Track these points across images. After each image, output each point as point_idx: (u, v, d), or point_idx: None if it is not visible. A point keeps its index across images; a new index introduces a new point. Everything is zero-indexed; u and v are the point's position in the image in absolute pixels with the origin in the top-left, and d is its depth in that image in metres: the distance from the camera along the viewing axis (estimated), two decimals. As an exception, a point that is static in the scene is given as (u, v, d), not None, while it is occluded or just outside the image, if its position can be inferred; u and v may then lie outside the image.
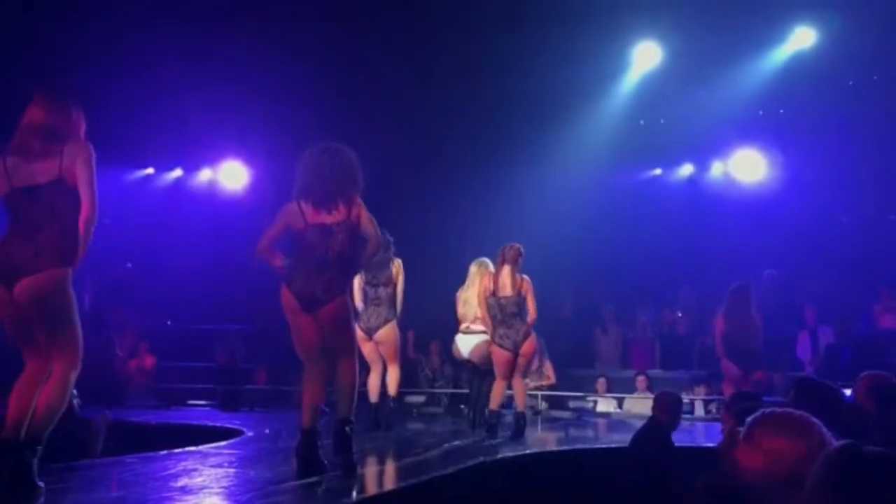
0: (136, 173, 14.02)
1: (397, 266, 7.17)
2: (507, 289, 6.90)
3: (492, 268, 7.22)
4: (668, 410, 5.45)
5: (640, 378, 10.27)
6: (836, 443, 2.37)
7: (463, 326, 7.44)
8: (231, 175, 13.88)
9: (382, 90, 11.41)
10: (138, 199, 13.67)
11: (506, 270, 6.94)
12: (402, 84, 11.39)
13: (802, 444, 2.31)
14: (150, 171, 14.11)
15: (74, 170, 3.80)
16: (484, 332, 7.11)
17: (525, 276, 6.99)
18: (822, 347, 9.46)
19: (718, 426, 5.35)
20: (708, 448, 5.44)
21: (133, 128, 11.82)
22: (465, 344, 7.29)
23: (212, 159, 13.84)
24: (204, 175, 14.19)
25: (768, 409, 2.50)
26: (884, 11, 9.84)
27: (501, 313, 6.86)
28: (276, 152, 12.85)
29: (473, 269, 7.48)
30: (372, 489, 4.22)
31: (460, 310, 7.49)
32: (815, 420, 2.39)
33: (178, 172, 14.24)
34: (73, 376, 3.79)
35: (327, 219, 4.55)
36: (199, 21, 10.29)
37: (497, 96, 11.49)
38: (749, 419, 2.46)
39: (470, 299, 7.34)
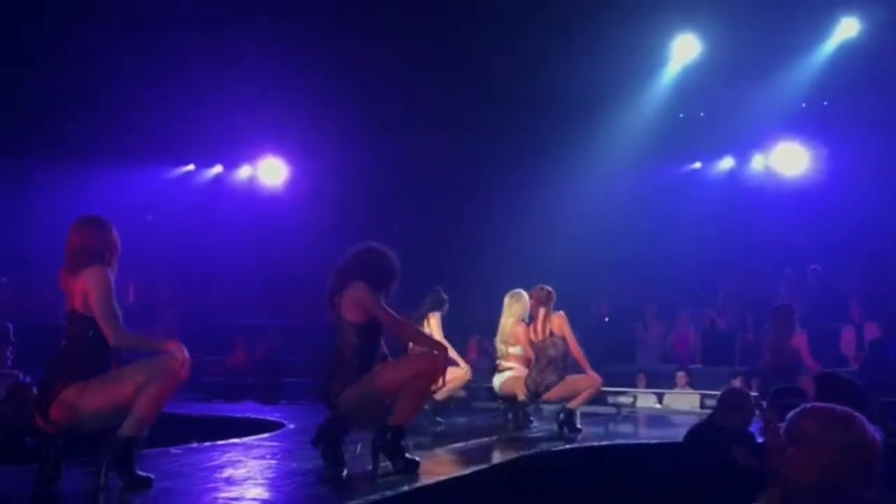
0: (178, 170, 14.26)
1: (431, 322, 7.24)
2: (538, 333, 6.91)
3: (526, 299, 7.15)
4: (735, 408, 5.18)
5: (681, 374, 10.19)
6: (880, 439, 2.36)
7: (497, 363, 7.38)
8: (270, 171, 14.05)
9: (423, 89, 11.45)
10: (179, 195, 13.91)
11: (539, 314, 6.94)
12: (444, 82, 11.43)
13: (844, 437, 2.30)
14: (191, 167, 14.33)
15: None
16: (510, 369, 7.09)
17: (556, 315, 6.91)
18: (866, 342, 9.30)
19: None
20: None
21: (174, 125, 12.03)
22: (497, 382, 7.26)
23: (251, 156, 14.03)
24: (244, 171, 14.38)
25: (809, 405, 2.49)
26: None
27: (540, 355, 6.87)
28: (314, 149, 13.02)
29: (507, 300, 7.27)
30: (412, 482, 4.25)
31: (499, 344, 7.41)
32: (856, 414, 2.38)
33: (218, 169, 14.45)
34: None
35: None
36: (240, 18, 10.43)
37: (537, 93, 11.49)
38: (790, 414, 2.45)
39: (501, 332, 7.28)
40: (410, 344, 6.04)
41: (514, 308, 7.13)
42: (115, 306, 3.82)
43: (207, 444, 5.65)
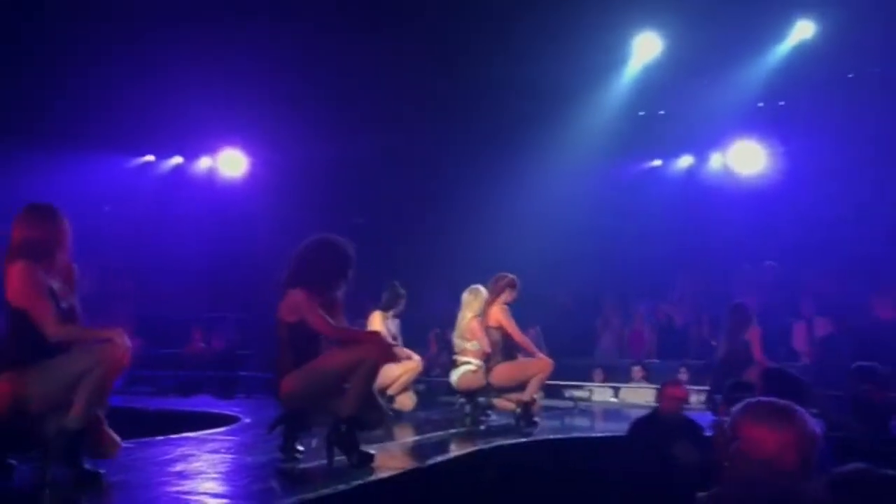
0: (137, 160, 14.08)
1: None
2: (488, 320, 6.94)
3: (484, 294, 7.17)
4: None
5: (636, 368, 10.33)
6: (820, 432, 2.42)
7: (454, 358, 7.38)
8: (230, 163, 13.93)
9: (381, 82, 11.43)
10: (139, 186, 13.74)
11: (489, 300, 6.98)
12: (408, 77, 11.41)
13: (785, 431, 2.35)
14: (151, 158, 14.15)
15: None
16: (467, 363, 7.09)
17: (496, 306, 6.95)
18: (817, 338, 9.50)
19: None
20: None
21: (134, 115, 11.86)
22: (454, 377, 7.25)
23: (211, 147, 13.89)
24: (203, 163, 14.24)
25: (753, 399, 2.54)
26: (883, 4, 9.83)
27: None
28: (274, 141, 12.93)
29: (465, 296, 7.30)
30: (367, 475, 4.25)
31: (455, 340, 7.42)
32: (798, 408, 2.43)
33: (177, 160, 14.28)
34: None
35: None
36: (200, 9, 10.30)
37: (497, 87, 11.50)
38: (733, 409, 2.50)
39: (458, 327, 7.28)
40: None
41: (472, 304, 7.16)
42: (42, 301, 3.75)
43: (161, 438, 5.59)
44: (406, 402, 7.62)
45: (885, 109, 11.01)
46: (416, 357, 7.56)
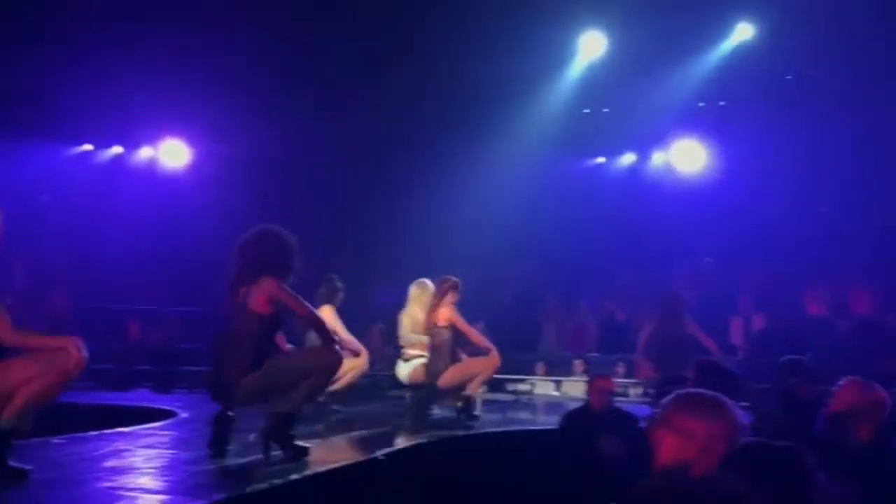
0: (75, 149, 13.73)
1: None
2: (434, 319, 6.93)
3: (431, 289, 7.19)
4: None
5: (578, 362, 10.46)
6: (745, 423, 2.47)
7: (402, 352, 7.36)
8: (172, 153, 13.68)
9: (326, 74, 11.34)
10: (76, 175, 13.41)
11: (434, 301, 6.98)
12: (347, 69, 11.34)
13: (713, 422, 2.39)
14: (89, 147, 13.81)
15: None
16: (420, 356, 7.09)
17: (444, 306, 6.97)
18: (752, 333, 9.76)
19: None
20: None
21: (71, 102, 11.57)
22: (404, 372, 7.23)
23: (152, 137, 13.62)
24: (144, 153, 13.96)
25: (682, 391, 2.59)
26: (819, 8, 10.10)
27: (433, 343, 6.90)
28: (218, 132, 12.74)
29: (413, 290, 7.34)
30: (302, 469, 4.22)
31: (399, 331, 7.41)
32: (725, 399, 2.48)
33: (118, 149, 13.97)
34: None
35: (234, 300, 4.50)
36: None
37: (443, 83, 11.51)
38: (662, 401, 2.54)
39: (404, 321, 7.27)
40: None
41: (420, 298, 7.16)
42: None
43: (93, 433, 5.46)
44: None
45: (821, 111, 11.33)
46: (364, 354, 7.53)
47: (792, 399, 4.62)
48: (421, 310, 7.11)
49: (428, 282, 7.26)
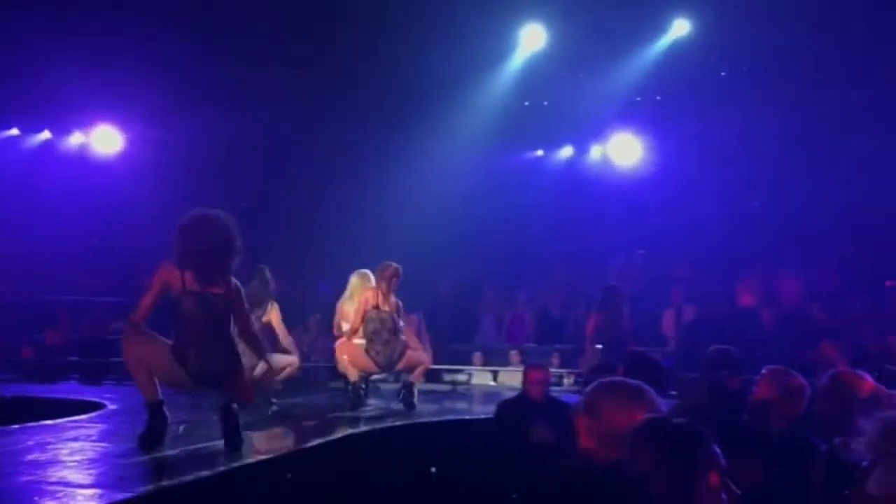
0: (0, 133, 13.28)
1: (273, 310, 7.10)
2: (387, 305, 6.91)
3: (373, 280, 7.16)
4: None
5: (514, 352, 10.55)
6: (664, 411, 2.52)
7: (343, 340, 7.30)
8: (104, 140, 13.31)
9: (262, 63, 11.17)
10: (1, 161, 12.96)
11: (384, 288, 6.95)
12: (283, 58, 11.19)
13: (634, 409, 2.44)
14: (15, 132, 13.36)
15: None
16: (362, 340, 7.05)
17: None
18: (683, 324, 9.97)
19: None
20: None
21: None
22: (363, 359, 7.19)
23: (84, 123, 13.23)
24: (75, 139, 13.56)
25: (605, 379, 2.63)
26: (754, 6, 10.33)
27: (382, 327, 6.88)
28: (150, 118, 12.44)
29: (355, 280, 7.32)
30: (237, 459, 4.18)
31: (342, 323, 7.34)
32: (646, 387, 2.53)
33: (46, 135, 13.54)
34: None
35: (208, 289, 4.44)
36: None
37: (383, 74, 11.44)
38: (586, 389, 2.58)
39: (349, 313, 7.23)
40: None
41: (363, 287, 7.14)
42: None
43: (16, 426, 5.30)
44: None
45: (753, 106, 11.59)
46: (296, 353, 7.53)
47: (719, 389, 4.72)
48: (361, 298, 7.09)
49: (369, 272, 7.24)
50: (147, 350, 4.39)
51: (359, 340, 6.96)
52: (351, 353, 6.96)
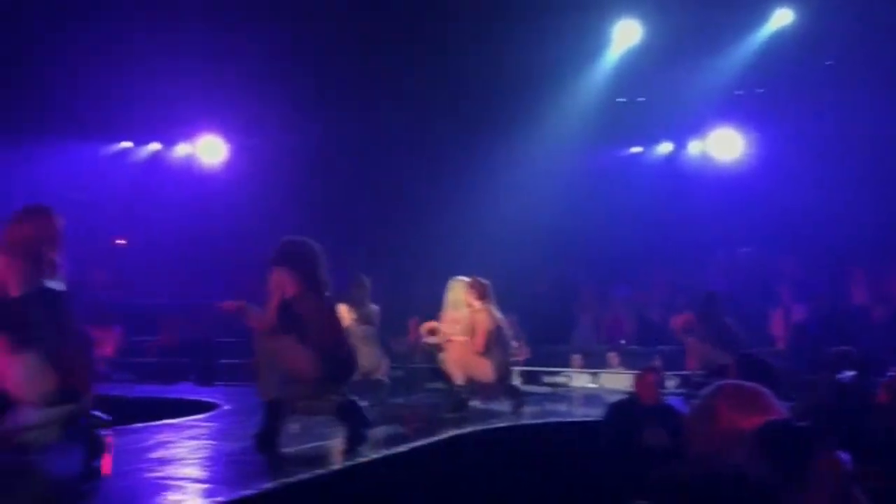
0: (114, 147, 13.94)
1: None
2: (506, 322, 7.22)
3: (467, 285, 7.26)
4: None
5: (612, 354, 10.40)
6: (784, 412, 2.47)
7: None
8: (209, 149, 13.82)
9: (362, 69, 11.37)
10: (116, 173, 13.61)
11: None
12: (381, 63, 11.35)
13: (753, 413, 2.39)
14: (129, 144, 14.02)
15: None
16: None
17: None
18: (792, 324, 9.63)
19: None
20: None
21: (110, 102, 11.74)
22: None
23: (189, 133, 13.76)
24: (182, 149, 14.12)
25: (723, 382, 2.59)
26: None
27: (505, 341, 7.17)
28: (253, 127, 12.85)
29: (457, 288, 7.35)
30: (345, 460, 4.28)
31: (445, 328, 7.40)
32: (763, 390, 2.48)
33: (155, 146, 14.16)
34: None
35: None
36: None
37: (477, 75, 11.47)
38: (701, 392, 2.55)
39: (457, 320, 7.30)
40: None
41: (460, 294, 7.25)
42: None
43: (139, 425, 5.58)
44: None
45: (861, 97, 11.11)
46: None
47: (842, 391, 4.56)
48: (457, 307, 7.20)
49: (466, 279, 7.35)
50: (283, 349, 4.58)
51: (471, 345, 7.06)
52: (464, 359, 7.03)
